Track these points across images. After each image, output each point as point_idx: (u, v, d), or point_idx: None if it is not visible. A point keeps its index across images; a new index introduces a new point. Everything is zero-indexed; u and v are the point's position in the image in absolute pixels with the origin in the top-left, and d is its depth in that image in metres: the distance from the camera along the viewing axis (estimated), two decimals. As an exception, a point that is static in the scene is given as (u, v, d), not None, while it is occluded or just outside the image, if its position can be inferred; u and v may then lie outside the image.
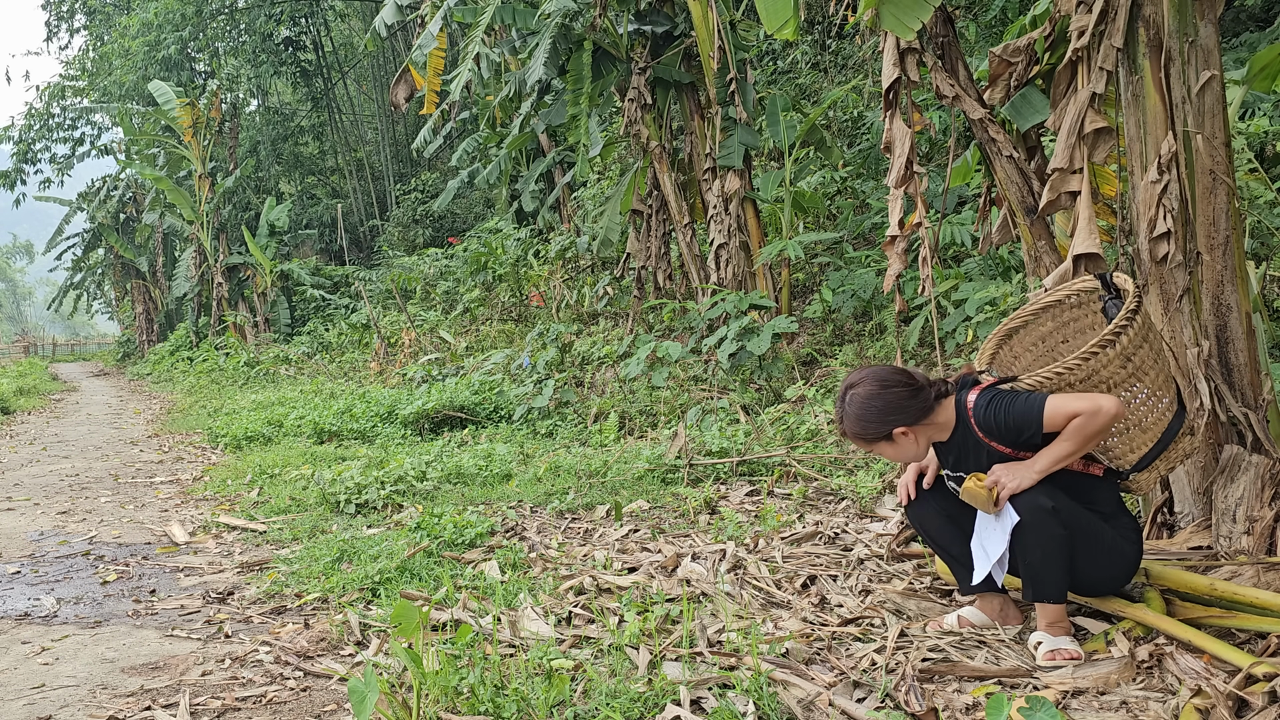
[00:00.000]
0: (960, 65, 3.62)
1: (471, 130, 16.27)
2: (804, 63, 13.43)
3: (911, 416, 2.77)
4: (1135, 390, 2.72)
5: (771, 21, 4.37)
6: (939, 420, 2.81)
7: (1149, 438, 2.76)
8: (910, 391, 2.77)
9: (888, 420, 2.77)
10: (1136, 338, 2.66)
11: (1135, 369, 2.69)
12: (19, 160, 26.75)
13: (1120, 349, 2.66)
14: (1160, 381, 2.73)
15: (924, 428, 2.81)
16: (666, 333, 9.43)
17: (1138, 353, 2.68)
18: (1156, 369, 2.71)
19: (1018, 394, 2.73)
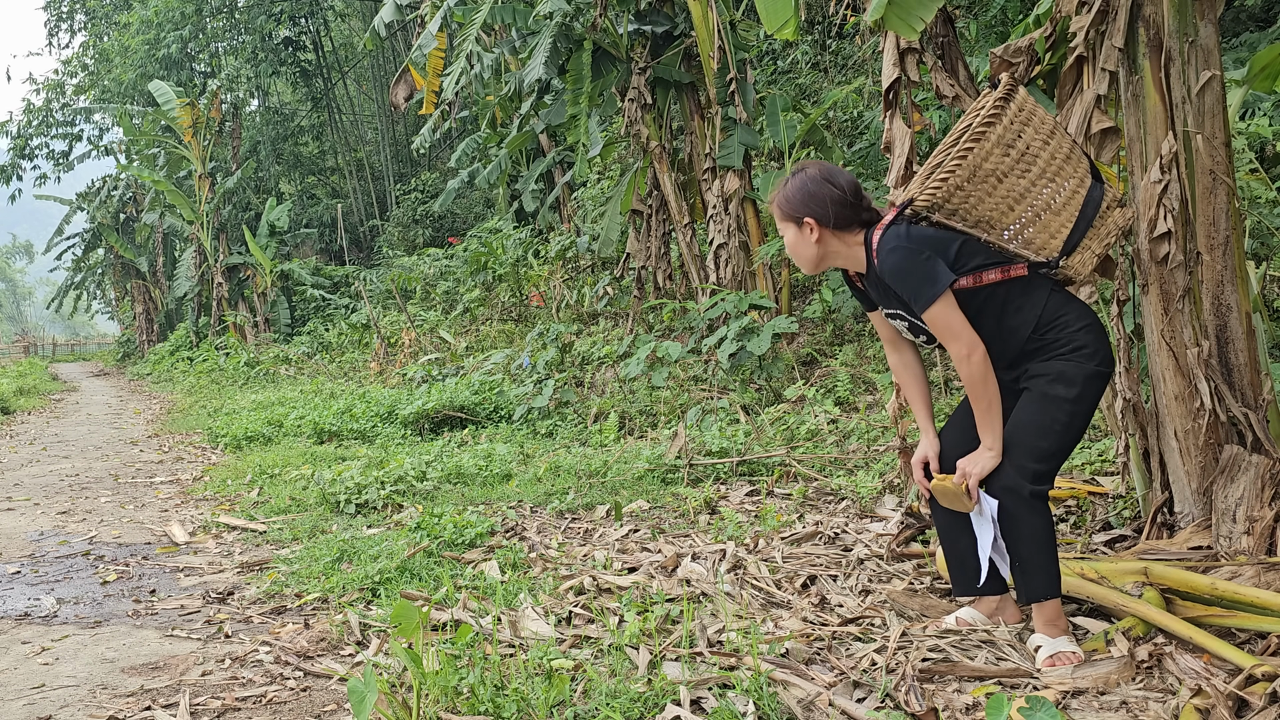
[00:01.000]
0: (960, 65, 3.62)
1: (471, 130, 16.27)
2: (804, 63, 13.43)
3: (828, 218, 2.76)
4: (1030, 174, 2.68)
5: (771, 21, 4.37)
6: (849, 242, 2.80)
7: (1064, 219, 2.71)
8: (842, 198, 2.75)
9: (807, 206, 2.77)
10: (1015, 124, 2.66)
11: (1022, 154, 2.68)
12: (16, 155, 26.75)
13: (997, 138, 2.65)
14: (1060, 160, 2.71)
15: (833, 238, 2.79)
16: (666, 333, 9.43)
17: (1019, 138, 2.67)
18: (1050, 149, 2.70)
19: (917, 257, 2.64)
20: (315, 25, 25.89)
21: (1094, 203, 2.74)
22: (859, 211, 2.79)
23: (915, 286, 2.64)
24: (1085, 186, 2.75)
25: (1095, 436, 4.92)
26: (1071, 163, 2.75)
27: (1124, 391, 3.30)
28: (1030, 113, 2.70)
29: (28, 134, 26.96)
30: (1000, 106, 2.66)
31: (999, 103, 2.67)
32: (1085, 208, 2.74)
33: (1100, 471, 4.36)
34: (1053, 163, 2.71)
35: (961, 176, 2.66)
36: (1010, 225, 2.71)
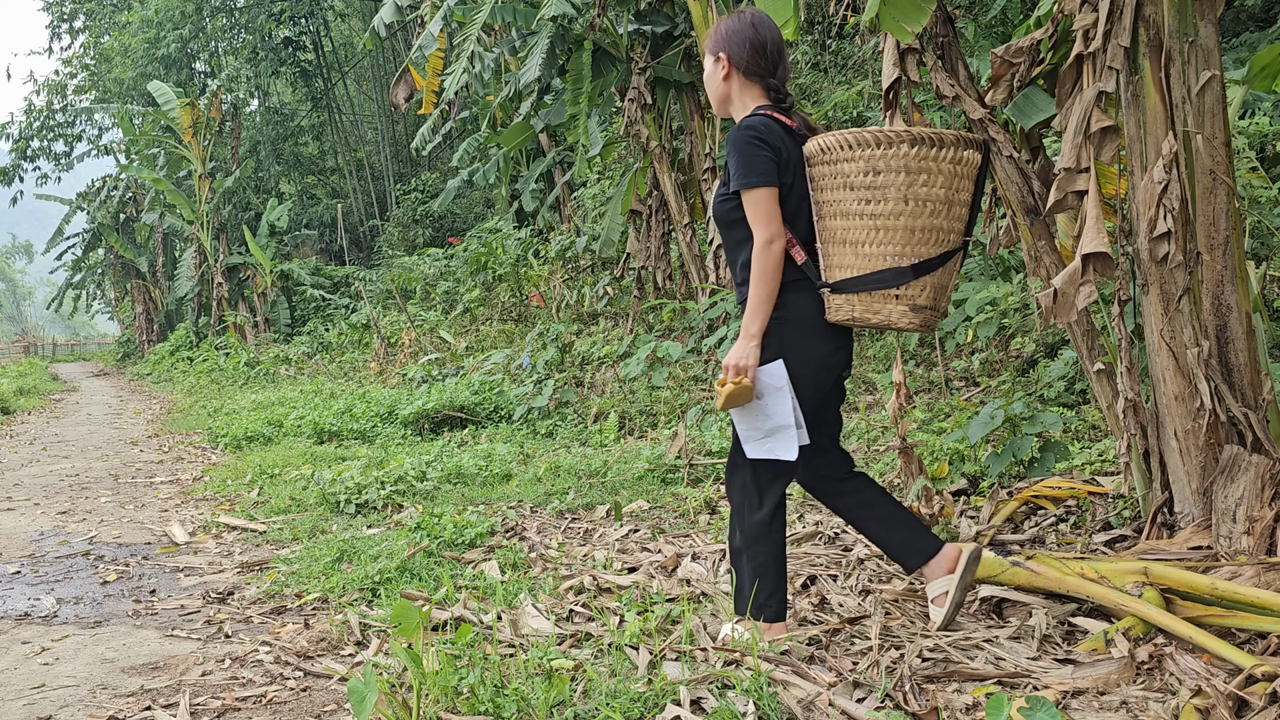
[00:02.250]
0: (960, 65, 3.62)
1: (471, 130, 16.27)
2: (804, 63, 13.43)
3: (740, 60, 2.76)
4: (867, 207, 2.59)
5: (771, 21, 4.36)
6: (748, 96, 2.80)
7: (856, 264, 2.62)
8: (759, 46, 2.75)
9: (727, 41, 2.79)
10: (896, 162, 2.57)
11: (876, 187, 2.59)
12: (17, 157, 26.75)
13: (871, 158, 2.57)
14: (901, 225, 2.59)
15: (738, 83, 2.79)
16: (666, 333, 9.43)
17: (886, 176, 2.58)
18: (901, 212, 2.59)
19: (764, 148, 2.61)
20: (315, 25, 25.88)
21: (884, 281, 2.62)
22: (770, 70, 2.77)
23: (745, 166, 2.61)
24: (896, 266, 2.62)
25: (1095, 436, 4.92)
26: (907, 237, 2.61)
27: (1125, 391, 3.30)
28: (939, 172, 2.60)
29: (28, 135, 26.96)
30: (903, 141, 2.58)
31: (906, 136, 2.59)
32: (876, 275, 2.62)
33: (1100, 471, 4.36)
34: (892, 219, 2.60)
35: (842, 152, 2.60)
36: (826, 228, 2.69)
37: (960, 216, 2.67)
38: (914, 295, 2.63)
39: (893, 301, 2.63)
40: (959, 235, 2.68)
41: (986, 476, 4.48)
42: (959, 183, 2.64)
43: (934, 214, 2.61)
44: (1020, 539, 3.68)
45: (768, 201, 2.60)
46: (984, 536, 3.68)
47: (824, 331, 2.71)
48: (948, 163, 2.60)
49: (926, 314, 2.66)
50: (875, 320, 2.66)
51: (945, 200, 2.62)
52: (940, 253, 2.64)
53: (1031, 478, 4.27)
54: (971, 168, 2.67)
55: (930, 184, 2.60)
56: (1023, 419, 4.34)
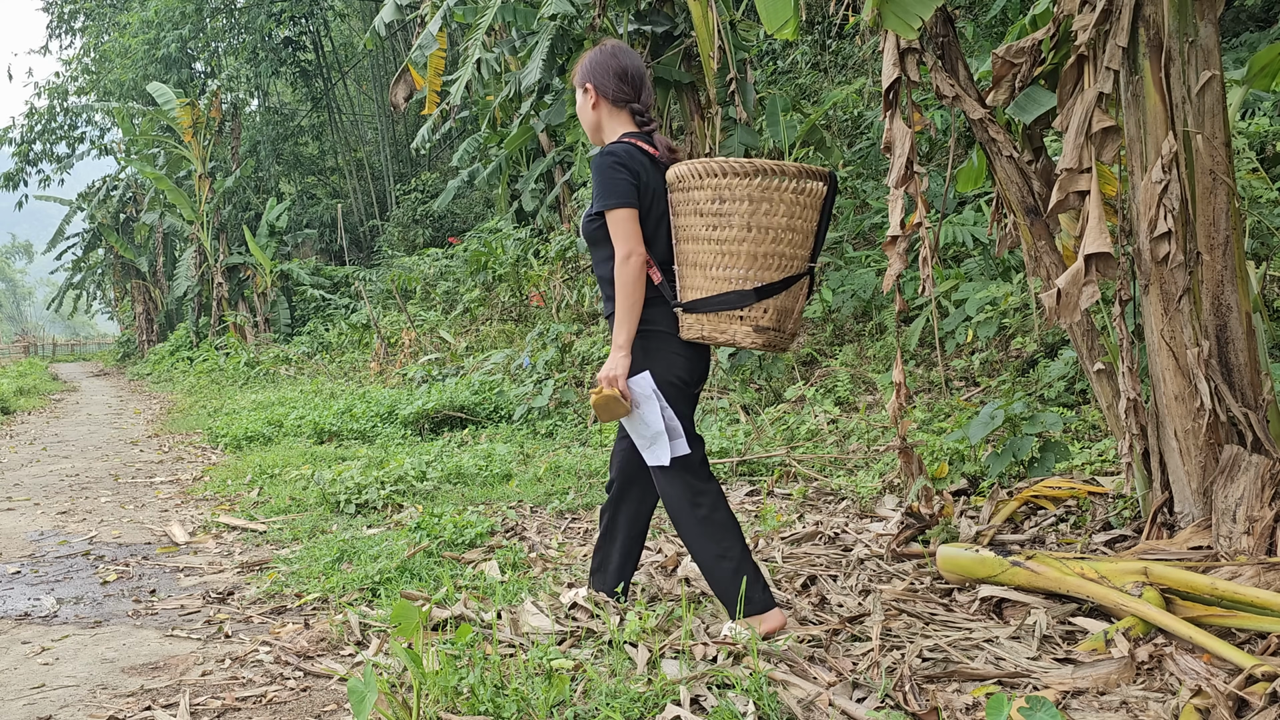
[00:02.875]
0: (960, 65, 3.62)
1: (471, 130, 16.26)
2: (804, 63, 13.43)
3: (606, 90, 2.95)
4: (714, 233, 2.76)
5: (771, 21, 4.37)
6: (615, 123, 2.98)
7: (705, 285, 2.78)
8: (621, 75, 2.94)
9: (592, 73, 2.97)
10: (741, 191, 2.71)
11: (722, 214, 2.74)
12: (20, 161, 26.74)
13: (718, 186, 2.73)
14: (744, 250, 2.74)
15: (606, 112, 2.97)
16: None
17: (731, 204, 2.73)
18: (744, 238, 2.73)
19: (622, 172, 2.79)
20: (315, 25, 25.88)
21: (728, 302, 2.77)
22: (634, 96, 2.96)
23: (606, 189, 2.79)
24: (740, 288, 2.76)
25: (1095, 436, 4.93)
26: (750, 261, 2.76)
27: (1125, 391, 3.30)
28: (781, 201, 2.74)
29: (30, 139, 26.95)
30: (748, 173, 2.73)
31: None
32: (721, 297, 2.77)
33: (1100, 471, 4.36)
34: (736, 244, 2.74)
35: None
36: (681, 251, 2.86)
37: (803, 244, 2.82)
38: (757, 317, 2.79)
39: (737, 322, 2.79)
40: (803, 261, 2.84)
41: (986, 476, 4.48)
42: (802, 211, 2.79)
43: (775, 241, 2.77)
44: (1020, 539, 3.68)
45: (626, 221, 2.78)
46: (984, 536, 3.68)
47: (680, 346, 2.89)
48: (789, 193, 2.76)
49: (770, 334, 2.81)
50: (722, 339, 2.81)
51: (787, 228, 2.78)
52: (782, 277, 2.80)
53: (1031, 478, 4.27)
54: (815, 198, 2.81)
55: (772, 213, 2.75)
56: (1023, 419, 4.34)
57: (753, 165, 2.72)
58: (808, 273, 2.86)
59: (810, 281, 2.90)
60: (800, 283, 2.85)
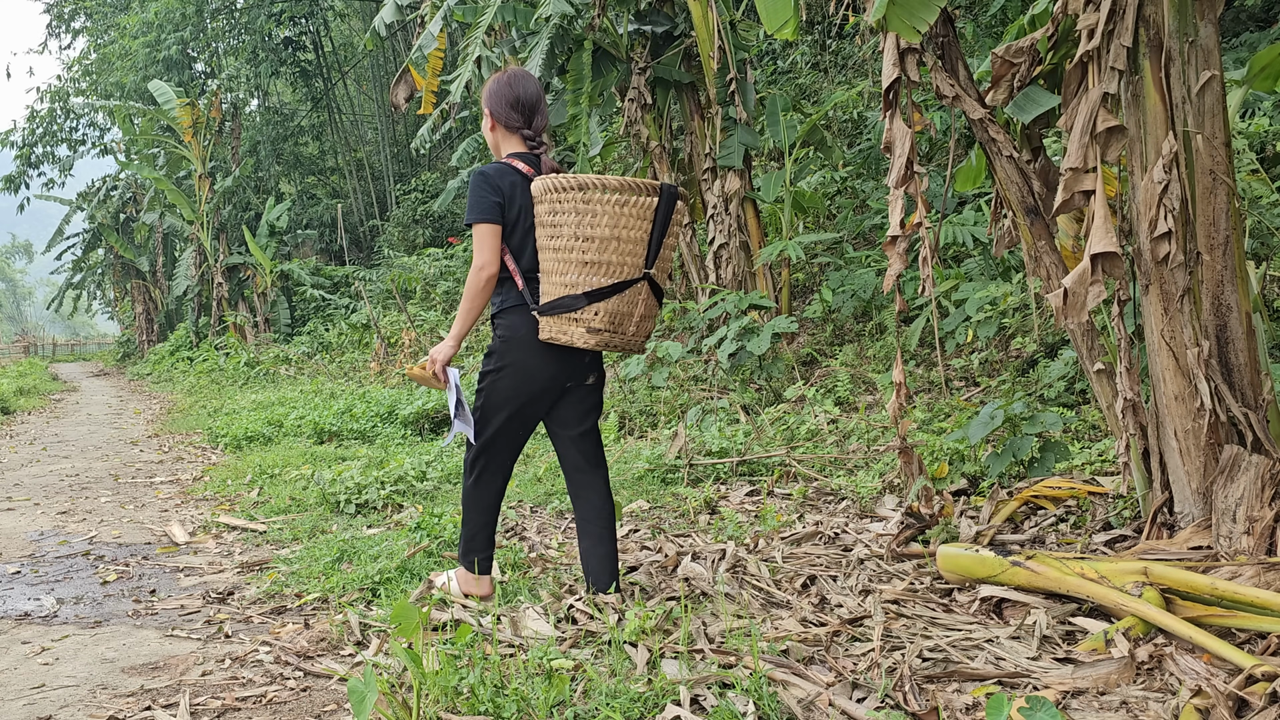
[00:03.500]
0: (960, 65, 3.62)
1: (471, 130, 16.26)
2: (804, 63, 13.43)
3: (500, 115, 3.26)
4: (551, 242, 3.05)
5: (771, 21, 4.37)
6: (507, 142, 3.29)
7: (550, 291, 3.08)
8: (514, 103, 3.24)
9: (490, 98, 3.28)
10: (568, 205, 3.00)
11: (556, 225, 3.03)
12: (22, 164, 26.73)
13: (553, 201, 3.02)
14: (574, 259, 3.02)
15: (501, 135, 3.29)
16: (666, 333, 9.44)
17: (561, 217, 3.02)
18: (574, 247, 3.01)
19: (487, 189, 3.09)
20: (315, 25, 25.87)
21: (559, 307, 3.06)
22: (525, 123, 3.25)
23: (472, 204, 3.10)
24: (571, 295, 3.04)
25: (1095, 436, 4.93)
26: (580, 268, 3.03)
27: (1124, 391, 3.30)
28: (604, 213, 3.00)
29: (32, 142, 26.93)
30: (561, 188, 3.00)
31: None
32: (556, 301, 3.06)
33: (1100, 471, 4.36)
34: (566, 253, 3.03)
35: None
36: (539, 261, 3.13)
37: (632, 253, 3.04)
38: (589, 319, 3.05)
39: (574, 324, 3.06)
40: (633, 269, 3.06)
41: (986, 476, 4.48)
42: (628, 222, 3.01)
43: (601, 250, 3.01)
44: (1020, 539, 3.68)
45: (485, 236, 3.09)
46: (984, 536, 3.68)
47: (539, 347, 3.16)
48: (612, 205, 2.99)
49: (604, 335, 3.07)
50: (563, 339, 3.08)
51: (612, 238, 3.01)
52: (612, 283, 3.03)
53: (1031, 478, 4.27)
54: (644, 210, 3.02)
55: (596, 224, 3.00)
56: (1023, 419, 4.34)
57: (576, 180, 2.98)
58: (642, 279, 3.08)
59: (653, 288, 3.13)
60: (635, 288, 3.07)
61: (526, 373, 3.17)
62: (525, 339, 3.15)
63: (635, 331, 3.13)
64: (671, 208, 3.07)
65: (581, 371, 3.26)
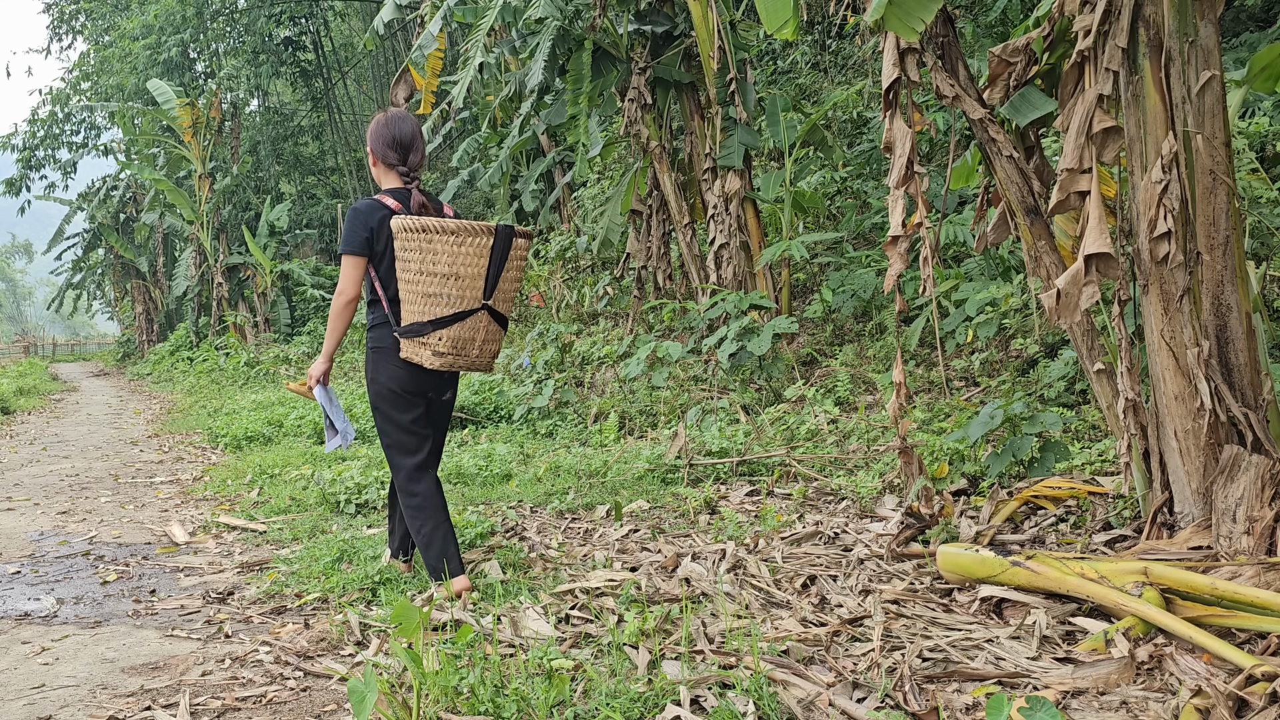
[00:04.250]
0: (960, 65, 3.62)
1: (471, 130, 16.26)
2: (804, 63, 13.43)
3: (378, 152, 3.60)
4: (404, 275, 3.42)
5: (771, 21, 4.37)
6: (385, 177, 3.63)
7: (405, 317, 3.46)
8: (390, 143, 3.58)
9: (371, 138, 3.63)
10: (413, 244, 3.36)
11: (406, 261, 3.40)
12: (24, 167, 26.71)
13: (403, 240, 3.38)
14: (419, 291, 3.41)
15: (379, 169, 3.63)
16: (666, 333, 9.43)
17: (407, 254, 3.39)
18: (419, 281, 3.40)
19: (360, 222, 3.45)
20: (315, 25, 25.86)
21: (410, 331, 3.46)
22: (401, 160, 3.58)
23: (344, 236, 3.46)
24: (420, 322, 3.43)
25: (1095, 437, 4.93)
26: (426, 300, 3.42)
27: (1125, 391, 3.30)
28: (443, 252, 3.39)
29: (32, 145, 26.91)
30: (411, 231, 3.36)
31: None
32: (409, 326, 3.45)
33: (1100, 471, 4.36)
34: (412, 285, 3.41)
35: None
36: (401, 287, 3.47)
37: (471, 286, 3.44)
38: (434, 343, 3.45)
39: (423, 347, 3.46)
40: (472, 300, 3.46)
41: (986, 476, 4.48)
42: (465, 260, 3.41)
43: (442, 284, 3.40)
44: (1020, 539, 3.68)
45: (349, 265, 3.47)
46: (984, 536, 3.68)
47: (401, 362, 3.54)
48: (450, 245, 3.37)
49: (447, 357, 3.48)
50: (416, 360, 3.48)
51: (449, 274, 3.40)
52: (452, 313, 3.43)
53: (1031, 478, 4.27)
54: (481, 249, 3.42)
55: (436, 262, 3.38)
56: (1023, 419, 4.34)
57: (419, 223, 3.34)
58: (482, 309, 3.49)
59: (494, 316, 3.55)
60: (476, 316, 3.48)
61: (397, 379, 3.57)
62: (390, 351, 3.55)
63: (479, 354, 3.55)
64: (508, 246, 3.47)
65: (440, 387, 3.69)
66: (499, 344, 3.63)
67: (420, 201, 3.56)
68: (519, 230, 3.52)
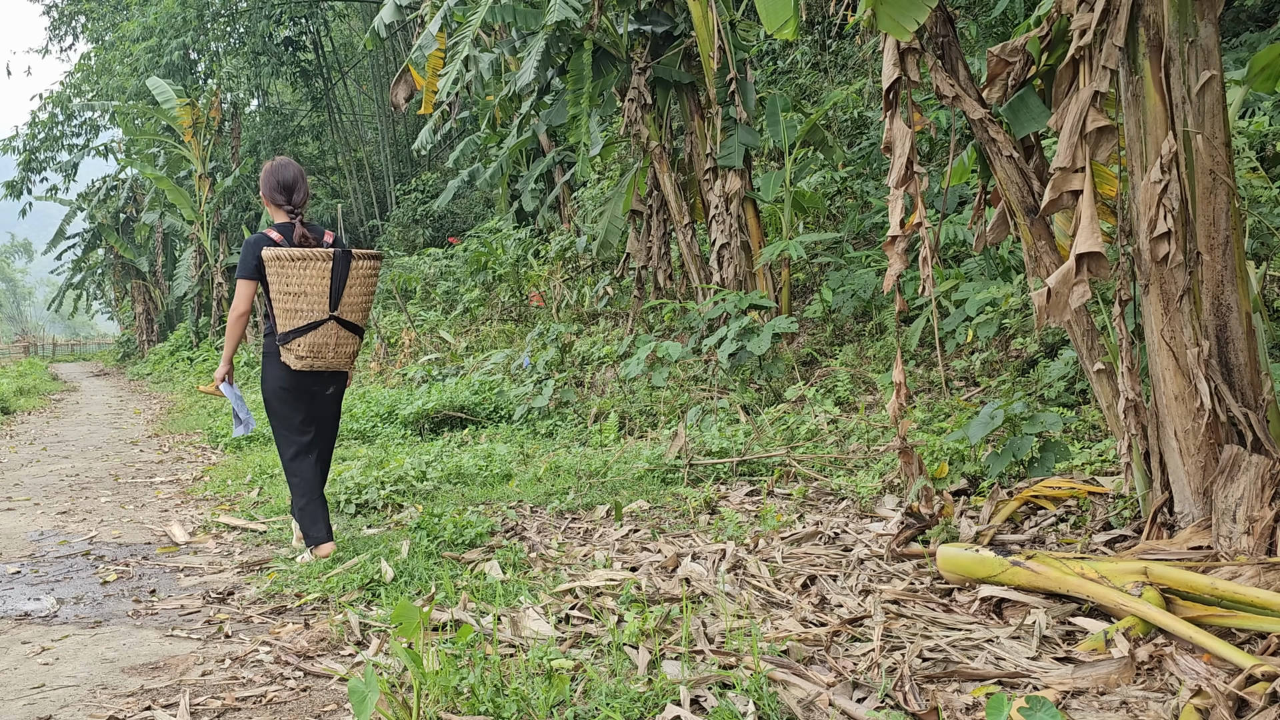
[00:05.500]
0: (960, 65, 3.62)
1: (471, 130, 16.26)
2: (804, 63, 13.43)
3: (268, 195, 4.31)
4: (272, 293, 4.17)
5: (771, 21, 4.37)
6: (275, 215, 4.32)
7: (277, 328, 4.20)
8: (275, 187, 4.29)
9: (262, 183, 4.32)
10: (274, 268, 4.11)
11: (271, 283, 4.15)
12: (24, 169, 26.69)
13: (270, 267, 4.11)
14: (281, 307, 4.17)
15: (270, 206, 4.33)
16: (666, 333, 9.43)
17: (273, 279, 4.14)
18: (278, 299, 4.16)
19: (251, 251, 4.15)
20: (315, 25, 25.86)
21: (282, 340, 4.20)
22: (285, 202, 4.28)
23: (240, 261, 4.18)
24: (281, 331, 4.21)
25: (1095, 437, 4.93)
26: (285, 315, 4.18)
27: (1125, 391, 3.30)
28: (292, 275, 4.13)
29: (33, 148, 26.88)
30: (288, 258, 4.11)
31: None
32: (280, 334, 4.21)
33: (1100, 471, 4.36)
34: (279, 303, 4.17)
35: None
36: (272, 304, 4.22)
37: (318, 301, 4.17)
38: (295, 349, 4.20)
39: (289, 352, 4.22)
40: (320, 313, 4.19)
41: (986, 476, 4.48)
42: (311, 281, 4.14)
43: (295, 301, 4.16)
44: (1020, 539, 3.68)
45: (240, 287, 4.21)
46: (984, 536, 3.68)
47: (282, 365, 4.26)
48: (297, 269, 4.12)
49: (307, 360, 4.22)
50: (285, 360, 4.24)
51: (299, 292, 4.15)
52: (305, 324, 4.18)
53: (1031, 478, 4.27)
54: (322, 271, 4.15)
55: (288, 283, 4.14)
56: (1023, 419, 4.34)
57: (273, 253, 4.09)
58: (329, 319, 4.21)
59: (344, 324, 4.26)
60: (325, 326, 4.21)
61: (280, 379, 4.29)
62: (274, 356, 4.28)
63: (334, 356, 4.30)
64: (347, 267, 4.20)
65: (320, 384, 4.38)
66: (353, 347, 4.37)
67: (302, 233, 4.22)
68: (360, 254, 4.24)
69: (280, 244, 4.16)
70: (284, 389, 4.30)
